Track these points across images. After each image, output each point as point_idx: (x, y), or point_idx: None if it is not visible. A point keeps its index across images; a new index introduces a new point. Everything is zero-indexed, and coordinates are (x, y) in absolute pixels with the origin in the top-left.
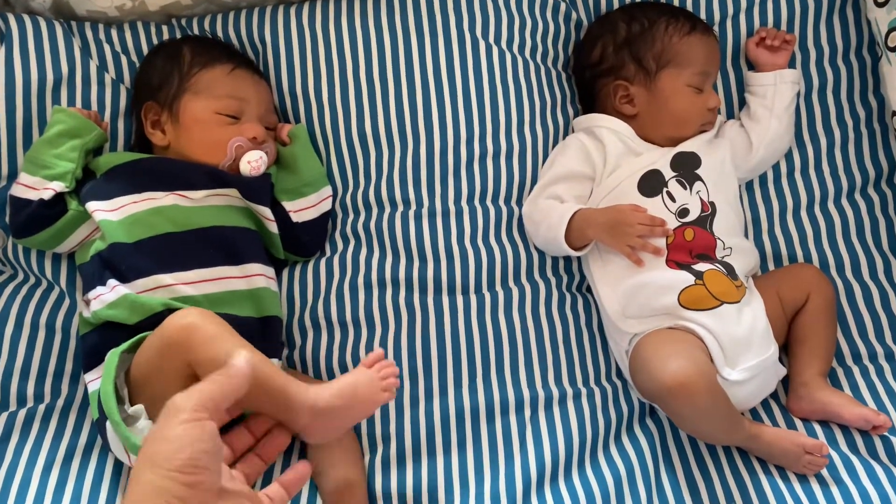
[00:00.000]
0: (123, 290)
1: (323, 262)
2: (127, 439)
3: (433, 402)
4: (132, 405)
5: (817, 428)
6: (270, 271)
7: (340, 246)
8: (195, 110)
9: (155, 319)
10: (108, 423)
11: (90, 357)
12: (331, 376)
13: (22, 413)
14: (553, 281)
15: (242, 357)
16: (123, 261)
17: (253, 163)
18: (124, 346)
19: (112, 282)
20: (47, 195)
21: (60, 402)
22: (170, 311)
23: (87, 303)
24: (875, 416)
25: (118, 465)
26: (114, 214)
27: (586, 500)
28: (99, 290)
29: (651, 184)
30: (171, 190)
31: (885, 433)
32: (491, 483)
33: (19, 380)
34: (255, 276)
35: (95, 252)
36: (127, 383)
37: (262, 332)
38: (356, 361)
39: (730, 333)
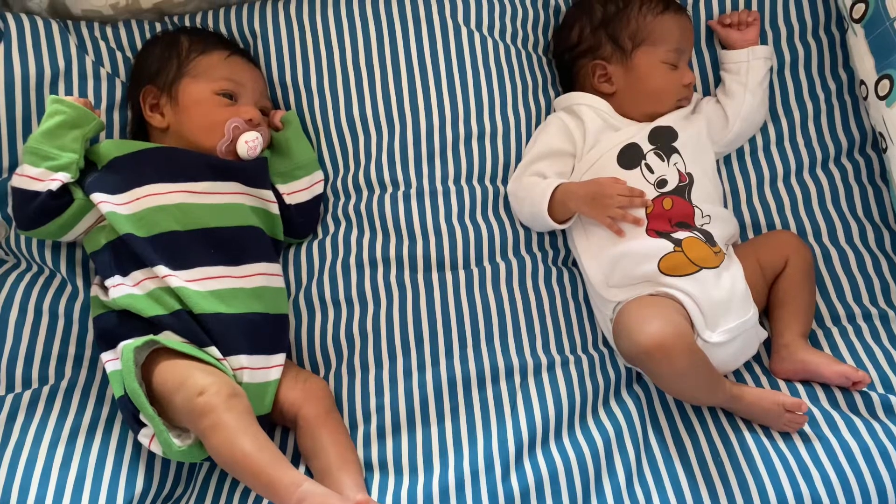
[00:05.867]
0: (143, 282)
1: (316, 244)
2: (162, 433)
3: (426, 373)
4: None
5: (799, 387)
6: (274, 268)
7: (332, 228)
8: (194, 92)
9: (169, 317)
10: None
11: (105, 338)
12: (325, 355)
13: (27, 395)
14: (539, 255)
15: None
16: (137, 250)
17: (250, 142)
18: (138, 342)
19: (134, 273)
20: (55, 186)
21: (64, 384)
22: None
23: (105, 288)
24: (854, 373)
25: (122, 442)
26: (122, 209)
27: (577, 461)
28: (117, 278)
29: (630, 157)
30: (175, 182)
31: (864, 389)
32: (484, 447)
33: (24, 363)
34: (254, 275)
35: (108, 241)
36: (144, 378)
37: (270, 329)
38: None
39: (709, 297)
